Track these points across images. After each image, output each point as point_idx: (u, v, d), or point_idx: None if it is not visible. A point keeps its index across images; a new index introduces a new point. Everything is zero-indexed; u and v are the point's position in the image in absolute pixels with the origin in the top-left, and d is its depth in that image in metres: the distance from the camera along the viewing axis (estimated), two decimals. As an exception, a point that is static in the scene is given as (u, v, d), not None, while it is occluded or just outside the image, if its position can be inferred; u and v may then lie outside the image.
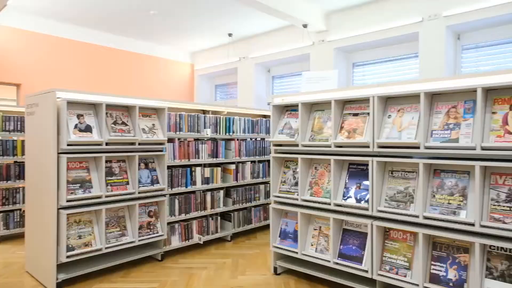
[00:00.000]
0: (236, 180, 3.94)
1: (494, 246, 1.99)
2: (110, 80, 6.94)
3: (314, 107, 2.94)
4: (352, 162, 2.67)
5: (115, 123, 2.96)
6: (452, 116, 2.19)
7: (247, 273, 2.98)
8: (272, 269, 3.00)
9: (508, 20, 4.31)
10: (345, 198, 2.60)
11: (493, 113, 2.03)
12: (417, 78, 5.06)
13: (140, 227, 3.08)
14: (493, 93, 2.08)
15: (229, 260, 3.29)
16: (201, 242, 3.58)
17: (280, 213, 3.06)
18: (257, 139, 4.34)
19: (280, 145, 3.04)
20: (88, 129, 2.78)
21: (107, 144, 2.85)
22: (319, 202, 2.71)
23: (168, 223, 3.36)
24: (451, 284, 2.08)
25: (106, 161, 2.93)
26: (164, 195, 3.27)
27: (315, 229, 2.82)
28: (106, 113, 2.93)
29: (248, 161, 4.13)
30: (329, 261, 2.60)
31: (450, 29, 4.69)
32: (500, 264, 1.95)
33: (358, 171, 2.62)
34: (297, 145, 2.89)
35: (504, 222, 1.91)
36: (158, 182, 3.21)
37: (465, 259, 2.08)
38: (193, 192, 3.57)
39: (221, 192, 3.82)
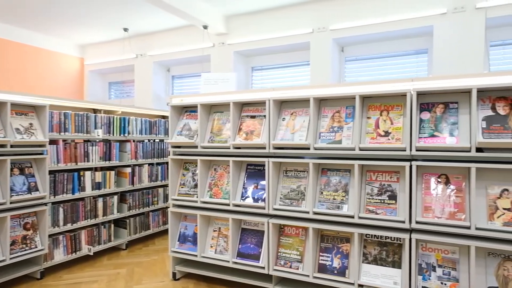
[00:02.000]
0: (132, 184, 3.70)
1: (369, 235, 2.27)
2: (-25, 71, 5.85)
3: (213, 108, 2.94)
4: (250, 163, 2.75)
5: (-22, 121, 2.49)
6: (336, 120, 2.43)
7: (143, 282, 2.82)
8: (170, 275, 2.90)
9: (383, 38, 5.00)
10: (244, 198, 2.66)
11: (368, 118, 2.32)
12: (308, 84, 5.50)
13: (13, 243, 2.66)
14: (368, 101, 2.37)
15: (123, 270, 3.07)
16: (91, 253, 3.26)
17: (179, 217, 2.98)
18: (156, 140, 4.16)
19: (179, 147, 2.97)
20: None
21: (-33, 146, 2.39)
22: (218, 204, 2.72)
23: (50, 235, 2.98)
24: (335, 272, 2.30)
25: (-34, 167, 2.45)
26: (44, 204, 2.88)
27: (214, 231, 2.82)
28: (-34, 110, 2.45)
29: (146, 163, 3.93)
30: (228, 261, 2.64)
31: (336, 41, 5.22)
32: (373, 250, 2.24)
33: (255, 172, 2.71)
34: (196, 147, 2.85)
35: (376, 213, 2.19)
36: (37, 190, 2.81)
37: (347, 248, 2.33)
38: (82, 198, 3.23)
39: (115, 198, 3.55)
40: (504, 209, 1.92)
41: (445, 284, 2.01)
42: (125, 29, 6.41)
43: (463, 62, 4.33)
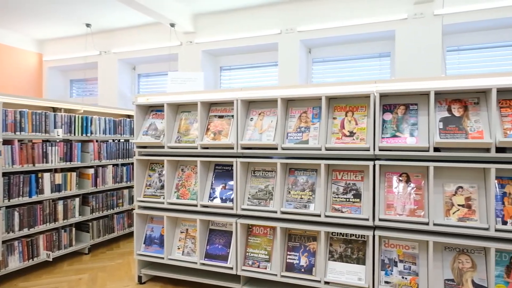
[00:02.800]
0: (96, 185, 3.57)
1: (335, 233, 2.32)
2: None
3: (180, 108, 2.89)
4: (218, 163, 2.73)
5: None
6: (303, 120, 2.47)
7: (107, 287, 2.72)
8: (136, 279, 2.82)
9: (348, 40, 5.14)
10: (212, 198, 2.64)
11: (334, 118, 2.38)
12: (276, 85, 5.55)
13: (-37, 250, 2.48)
14: (333, 101, 2.43)
15: (85, 276, 2.94)
16: (51, 259, 3.11)
17: (145, 219, 2.91)
18: (121, 140, 4.03)
19: (145, 147, 2.89)
20: None
21: None
22: (186, 205, 2.68)
23: (4, 242, 2.80)
24: (302, 270, 2.34)
25: None
26: (-2, 208, 2.71)
27: (182, 232, 2.77)
28: None
29: (110, 164, 3.79)
30: (196, 263, 2.60)
31: (303, 43, 5.30)
32: (339, 247, 2.29)
33: (223, 172, 2.69)
34: (163, 147, 2.79)
35: (341, 212, 2.25)
36: (-11, 193, 2.63)
37: (314, 246, 2.37)
38: (40, 202, 3.07)
39: (77, 200, 3.40)
40: (459, 205, 2.03)
41: (406, 279, 2.10)
42: (88, 25, 6.16)
43: (422, 66, 4.54)
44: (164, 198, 2.76)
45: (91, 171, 3.52)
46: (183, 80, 3.12)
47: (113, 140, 3.94)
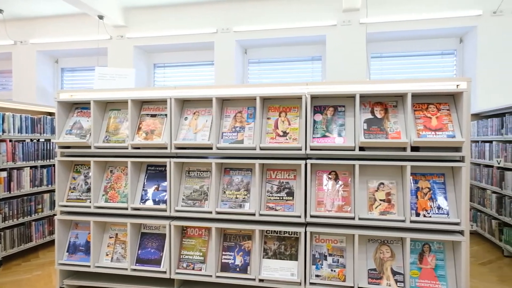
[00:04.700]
0: (9, 190, 3.20)
1: (269, 230, 2.37)
2: None
3: (109, 106, 2.72)
4: (150, 163, 2.62)
5: None
6: (238, 120, 2.48)
7: (23, 303, 2.46)
8: (58, 291, 2.59)
9: (283, 43, 5.28)
10: (143, 201, 2.53)
11: (268, 118, 2.42)
12: (212, 84, 5.51)
13: None
14: (268, 102, 2.48)
15: (-3, 292, 2.63)
16: (-48, 276, 2.72)
17: (69, 225, 2.68)
18: (40, 140, 3.67)
19: (69, 147, 2.67)
20: None
21: None
22: (115, 208, 2.53)
23: None
24: (238, 269, 2.35)
25: None
26: None
27: (110, 237, 2.61)
28: None
29: (27, 166, 3.43)
30: (126, 269, 2.47)
31: (239, 43, 5.33)
32: (273, 245, 2.34)
33: (156, 173, 2.59)
34: (89, 147, 2.60)
35: (275, 210, 2.30)
36: None
37: (249, 245, 2.39)
38: None
39: (-14, 207, 3.02)
40: (381, 200, 2.20)
41: (334, 271, 2.22)
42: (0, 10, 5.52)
43: (350, 70, 4.85)
44: (90, 202, 2.57)
45: (3, 174, 3.15)
46: (112, 76, 2.94)
47: (31, 140, 3.57)
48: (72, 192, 2.66)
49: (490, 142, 3.79)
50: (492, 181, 3.64)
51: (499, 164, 3.39)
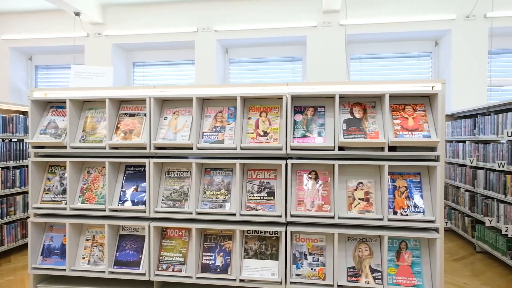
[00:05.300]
0: (-21, 192, 3.07)
1: (250, 230, 2.37)
2: None
3: (86, 105, 2.65)
4: (129, 164, 2.57)
5: None
6: (219, 120, 2.46)
7: (-6, 309, 2.37)
8: (32, 296, 2.51)
9: (264, 43, 5.29)
10: (122, 202, 2.48)
11: (249, 118, 2.42)
12: (192, 83, 5.46)
13: None
14: (248, 102, 2.48)
15: (-34, 298, 2.52)
16: None
17: (43, 227, 2.60)
18: (13, 140, 3.54)
19: (43, 147, 2.59)
20: None
21: None
22: (92, 209, 2.47)
23: None
24: (218, 270, 2.34)
25: None
26: None
27: (87, 240, 2.55)
28: None
29: (-1, 167, 3.31)
30: (104, 272, 2.41)
31: (220, 43, 5.31)
32: (254, 245, 2.35)
33: (135, 173, 2.55)
34: (65, 147, 2.53)
35: (256, 209, 2.31)
36: None
37: (229, 245, 2.38)
38: None
39: (-46, 210, 2.89)
40: (359, 199, 2.24)
41: (315, 270, 2.24)
42: (-30, 5, 5.31)
43: (330, 71, 4.91)
44: (66, 204, 2.50)
45: (-26, 175, 3.02)
46: (89, 74, 2.87)
47: (3, 140, 3.44)
48: (46, 193, 2.58)
49: (464, 142, 3.93)
50: (465, 180, 3.77)
51: (471, 163, 3.51)
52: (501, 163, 2.94)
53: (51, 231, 2.60)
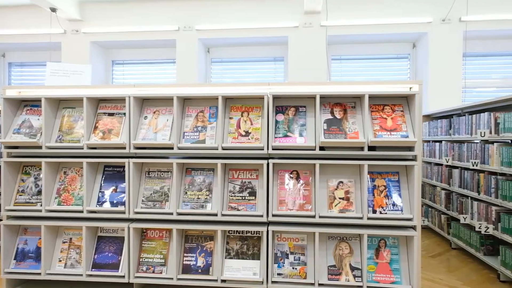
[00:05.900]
0: None
1: (231, 230, 2.36)
2: None
3: (62, 103, 2.58)
4: (107, 164, 2.52)
5: None
6: (200, 119, 2.44)
7: (-36, 316, 2.27)
8: (5, 302, 2.42)
9: (246, 43, 5.29)
10: (100, 203, 2.42)
11: (230, 118, 2.41)
12: (173, 83, 5.40)
13: None
14: (230, 102, 2.47)
15: None
16: None
17: (17, 230, 2.51)
18: (-16, 139, 3.40)
19: (16, 147, 2.50)
20: None
21: None
22: (69, 211, 2.40)
23: None
24: (200, 270, 2.32)
25: None
26: None
27: (64, 242, 2.48)
28: None
29: (-31, 168, 3.17)
30: (81, 275, 2.35)
31: (202, 42, 5.27)
32: (235, 245, 2.34)
33: (114, 173, 2.50)
34: (40, 147, 2.45)
35: (238, 209, 2.30)
36: None
37: (211, 245, 2.37)
38: None
39: None
40: (340, 198, 2.27)
41: (296, 269, 2.25)
42: None
43: (311, 71, 4.96)
44: (41, 205, 2.42)
45: None
46: (65, 72, 2.79)
47: (-26, 139, 3.30)
48: (20, 195, 2.50)
49: (440, 142, 4.04)
50: (442, 179, 3.88)
51: (447, 162, 3.62)
52: (474, 162, 3.04)
53: (25, 234, 2.52)
